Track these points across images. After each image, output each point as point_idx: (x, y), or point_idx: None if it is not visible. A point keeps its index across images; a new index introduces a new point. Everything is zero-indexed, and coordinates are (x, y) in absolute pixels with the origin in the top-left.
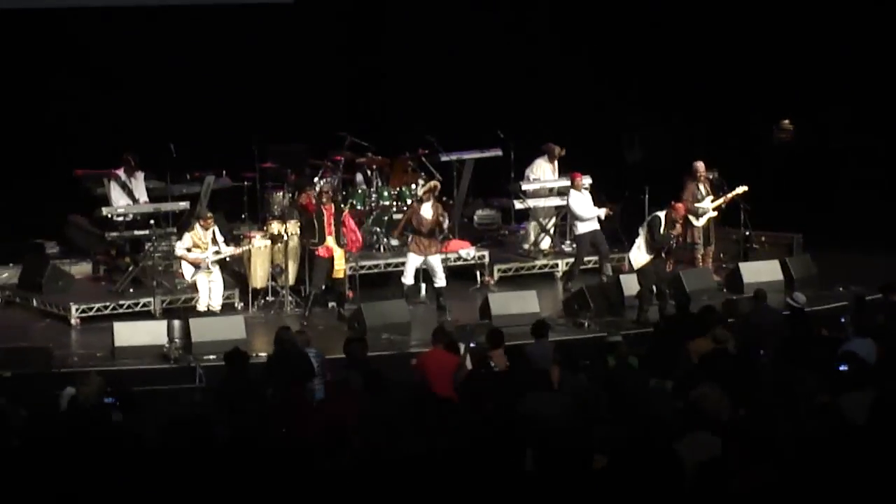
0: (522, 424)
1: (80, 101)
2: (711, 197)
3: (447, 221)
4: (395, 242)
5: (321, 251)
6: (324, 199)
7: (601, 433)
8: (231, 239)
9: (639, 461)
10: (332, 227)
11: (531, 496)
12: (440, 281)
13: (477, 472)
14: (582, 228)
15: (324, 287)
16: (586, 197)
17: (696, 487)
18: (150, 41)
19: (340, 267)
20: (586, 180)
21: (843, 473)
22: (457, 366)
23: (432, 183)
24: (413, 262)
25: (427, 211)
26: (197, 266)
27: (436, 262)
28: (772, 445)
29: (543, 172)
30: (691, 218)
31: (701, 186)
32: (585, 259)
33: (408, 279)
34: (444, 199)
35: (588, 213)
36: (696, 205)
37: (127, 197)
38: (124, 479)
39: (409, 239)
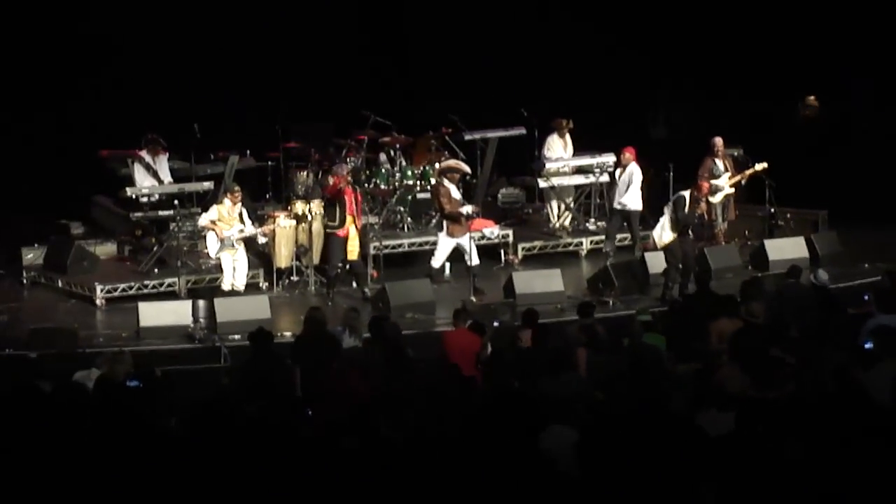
0: (540, 405)
1: (104, 82)
2: (729, 174)
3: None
4: (469, 210)
5: (339, 232)
6: (347, 182)
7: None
8: (255, 219)
9: (658, 436)
10: (354, 208)
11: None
12: (474, 260)
13: (495, 451)
14: (617, 204)
15: (343, 267)
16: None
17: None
18: (175, 21)
19: (354, 247)
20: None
21: (867, 449)
22: (479, 345)
23: (450, 162)
24: (446, 245)
25: (456, 192)
26: (221, 241)
27: (470, 241)
28: (796, 423)
29: (557, 149)
30: None
31: (719, 162)
32: (619, 236)
33: (437, 262)
34: (468, 178)
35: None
36: (712, 181)
37: (151, 178)
38: (150, 461)
39: (444, 224)
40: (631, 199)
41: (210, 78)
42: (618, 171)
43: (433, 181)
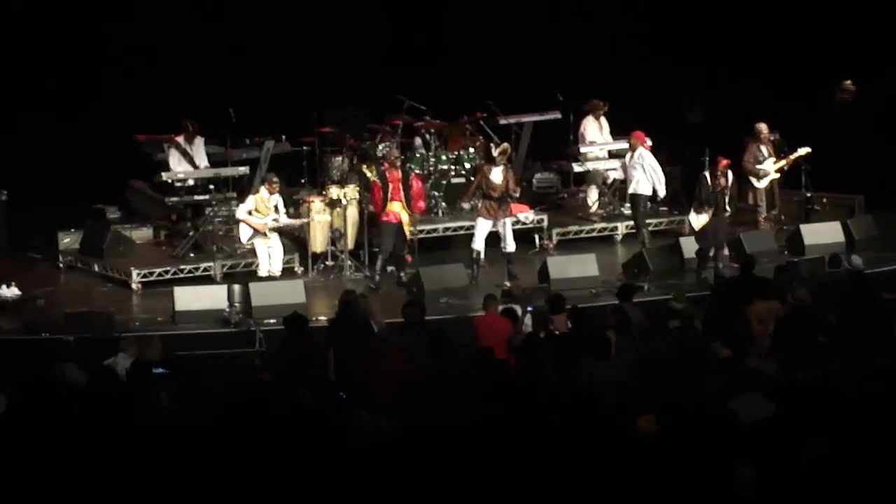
0: (579, 388)
1: (139, 67)
2: (773, 159)
3: (516, 186)
4: (465, 206)
5: (388, 217)
6: (395, 165)
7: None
8: (290, 204)
9: (694, 422)
10: (401, 193)
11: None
12: (510, 246)
13: (530, 435)
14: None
15: (394, 252)
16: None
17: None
18: (210, 5)
19: (407, 231)
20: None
21: None
22: (510, 330)
23: (505, 145)
24: (483, 227)
25: (497, 175)
26: (255, 231)
27: (506, 226)
28: (832, 409)
29: (592, 131)
30: (752, 180)
31: (763, 148)
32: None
33: (478, 245)
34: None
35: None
36: (758, 167)
37: (187, 163)
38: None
39: (479, 204)
40: (640, 183)
41: (245, 62)
42: (627, 156)
43: (468, 165)
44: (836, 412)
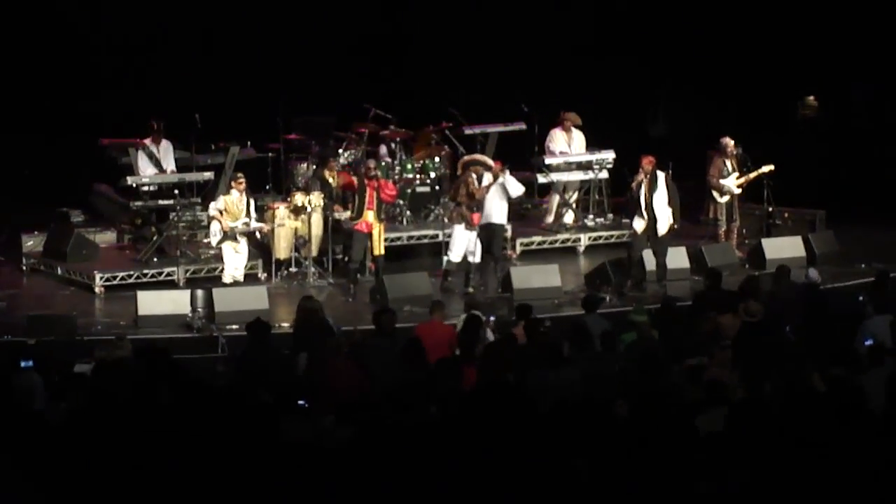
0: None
1: (107, 72)
2: (737, 174)
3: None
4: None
5: (360, 226)
6: (370, 174)
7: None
8: (256, 210)
9: (655, 434)
10: (374, 203)
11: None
12: (478, 256)
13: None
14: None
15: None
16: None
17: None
18: (177, 11)
19: (380, 242)
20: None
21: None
22: (452, 336)
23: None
24: (462, 237)
25: (483, 180)
26: (224, 232)
27: (473, 236)
28: (785, 422)
29: (559, 143)
30: (715, 194)
31: (728, 162)
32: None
33: (456, 257)
34: None
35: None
36: (721, 181)
37: (154, 167)
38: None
39: (455, 214)
40: (501, 213)
41: (212, 69)
42: (487, 180)
43: (433, 174)
44: (798, 424)
